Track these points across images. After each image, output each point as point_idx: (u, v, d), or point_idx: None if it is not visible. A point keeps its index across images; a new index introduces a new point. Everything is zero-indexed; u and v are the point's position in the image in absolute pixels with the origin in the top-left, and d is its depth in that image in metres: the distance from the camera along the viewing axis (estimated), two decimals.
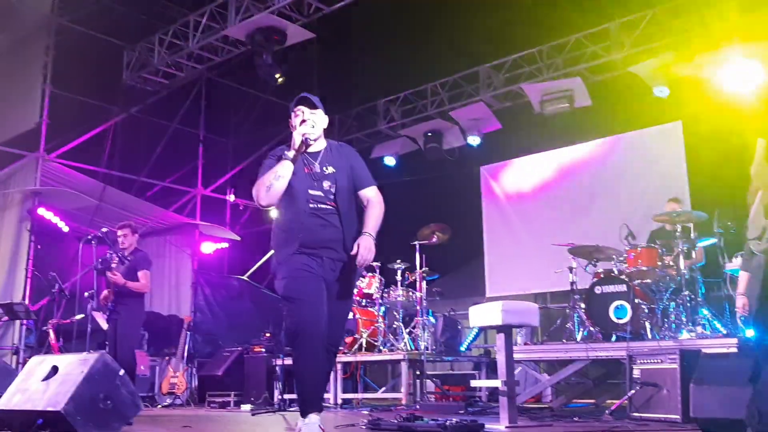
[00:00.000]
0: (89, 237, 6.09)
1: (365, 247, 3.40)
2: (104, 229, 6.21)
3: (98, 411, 3.83)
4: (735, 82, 8.21)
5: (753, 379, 3.08)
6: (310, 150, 3.59)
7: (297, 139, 3.47)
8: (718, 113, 8.18)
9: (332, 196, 3.56)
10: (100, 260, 6.20)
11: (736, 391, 3.50)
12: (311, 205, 3.52)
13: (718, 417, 3.62)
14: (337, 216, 3.54)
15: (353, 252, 3.41)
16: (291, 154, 3.46)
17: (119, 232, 6.53)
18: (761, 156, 3.10)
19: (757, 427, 3.19)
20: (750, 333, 4.26)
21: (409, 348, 7.65)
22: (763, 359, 2.51)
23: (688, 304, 6.13)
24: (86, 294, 6.31)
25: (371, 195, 3.66)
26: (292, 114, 3.64)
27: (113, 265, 6.21)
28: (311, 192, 3.54)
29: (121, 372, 4.04)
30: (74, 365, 3.96)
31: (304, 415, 3.36)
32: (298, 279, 3.44)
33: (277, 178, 3.43)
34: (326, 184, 3.56)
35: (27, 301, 8.69)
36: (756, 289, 2.89)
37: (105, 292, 6.32)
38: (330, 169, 3.61)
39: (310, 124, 3.55)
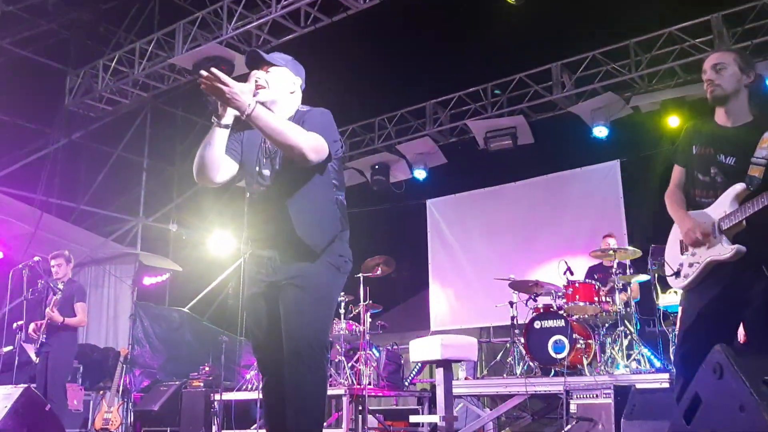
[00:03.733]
0: (20, 266, 5.89)
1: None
2: (36, 258, 6.02)
3: None
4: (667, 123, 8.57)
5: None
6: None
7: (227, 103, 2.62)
8: (654, 152, 8.50)
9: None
10: (31, 290, 6.00)
11: (663, 425, 3.58)
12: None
13: None
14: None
15: None
16: (224, 120, 2.73)
17: (53, 262, 6.33)
18: (674, 182, 3.19)
19: None
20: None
21: (351, 382, 7.58)
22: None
23: (624, 340, 6.26)
24: (15, 325, 6.08)
25: None
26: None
27: (51, 303, 6.00)
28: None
29: (48, 407, 3.90)
30: None
31: None
32: None
33: (203, 146, 2.78)
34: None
35: None
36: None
37: (34, 324, 6.10)
38: None
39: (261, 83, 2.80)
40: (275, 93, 2.85)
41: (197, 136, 12.14)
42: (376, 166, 11.16)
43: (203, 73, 2.54)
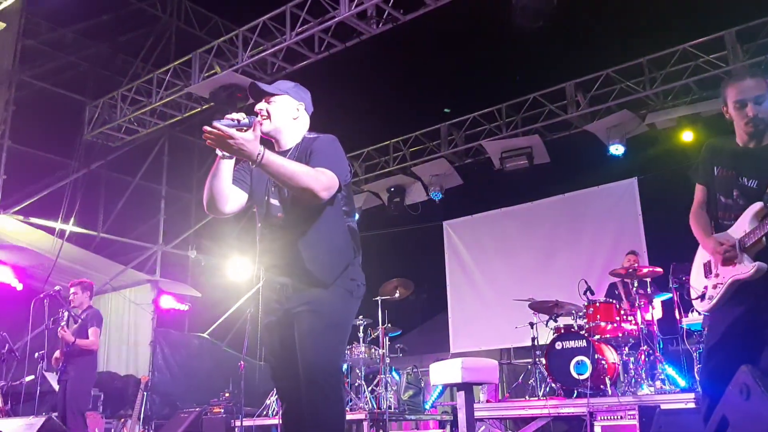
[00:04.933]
0: (41, 296, 5.94)
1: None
2: (57, 288, 6.08)
3: None
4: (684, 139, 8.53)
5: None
6: (278, 149, 2.94)
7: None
8: (671, 169, 8.44)
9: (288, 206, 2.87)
10: (52, 319, 6.04)
11: None
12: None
13: None
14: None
15: None
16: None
17: (70, 290, 6.39)
18: (698, 202, 3.15)
19: None
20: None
21: (371, 406, 7.53)
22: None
23: (647, 359, 6.18)
24: (36, 355, 6.12)
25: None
26: None
27: (63, 323, 6.05)
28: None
29: None
30: (20, 430, 3.82)
31: None
32: None
33: (210, 178, 2.80)
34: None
35: None
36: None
37: (56, 353, 6.14)
38: None
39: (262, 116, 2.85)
40: (278, 122, 2.89)
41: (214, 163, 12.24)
42: (392, 189, 11.18)
43: (206, 128, 2.56)
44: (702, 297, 2.95)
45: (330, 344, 2.76)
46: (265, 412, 7.86)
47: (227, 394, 8.59)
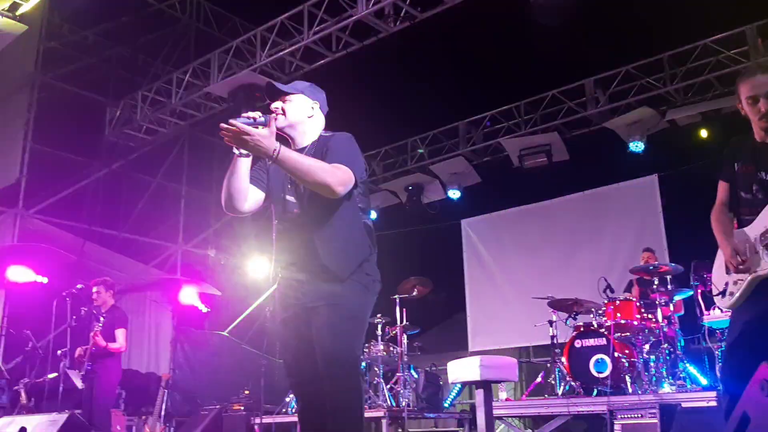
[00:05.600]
0: (64, 294, 6.02)
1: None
2: (79, 286, 6.15)
3: None
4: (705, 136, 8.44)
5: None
6: (294, 147, 2.95)
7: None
8: (692, 166, 8.35)
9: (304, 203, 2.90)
10: (75, 318, 6.12)
11: None
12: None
13: None
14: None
15: None
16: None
17: (93, 289, 6.46)
18: (720, 200, 3.13)
19: None
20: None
21: (390, 404, 7.53)
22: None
23: (668, 357, 6.12)
24: (59, 352, 6.20)
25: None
26: None
27: (97, 326, 6.12)
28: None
29: None
30: (43, 426, 3.88)
31: None
32: None
33: (228, 177, 2.84)
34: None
35: (0, 359, 8.51)
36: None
37: (79, 350, 6.22)
38: None
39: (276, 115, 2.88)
40: (292, 118, 2.93)
41: None
42: (410, 187, 11.18)
43: (223, 126, 2.59)
44: (723, 293, 2.93)
45: (347, 335, 2.78)
46: (284, 410, 7.90)
47: (247, 392, 8.64)
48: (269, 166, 2.99)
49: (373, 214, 11.62)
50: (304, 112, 2.97)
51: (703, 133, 8.85)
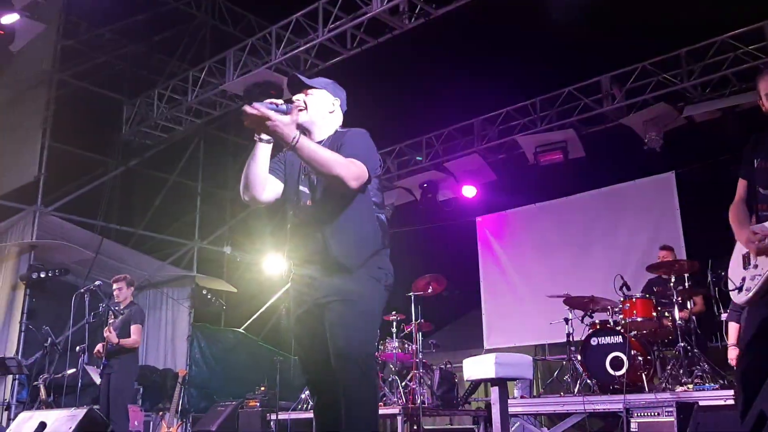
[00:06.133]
0: (82, 290, 6.08)
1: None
2: (97, 282, 6.22)
3: None
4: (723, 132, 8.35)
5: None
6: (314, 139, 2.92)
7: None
8: (710, 162, 8.28)
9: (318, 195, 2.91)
10: (93, 314, 6.18)
11: None
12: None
13: None
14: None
15: None
16: (265, 135, 2.76)
17: (114, 286, 6.53)
18: (739, 196, 3.11)
19: None
20: None
21: (405, 401, 7.54)
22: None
23: (685, 355, 6.08)
24: (77, 348, 6.27)
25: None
26: None
27: (110, 321, 6.19)
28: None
29: (110, 428, 4.00)
30: (62, 421, 3.93)
31: None
32: None
33: (248, 163, 2.84)
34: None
35: (20, 355, 8.62)
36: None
37: (98, 346, 6.28)
38: None
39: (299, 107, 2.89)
40: (314, 113, 2.95)
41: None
42: (425, 185, 11.16)
43: (246, 108, 2.61)
44: (740, 288, 2.91)
45: (360, 330, 2.77)
46: (300, 406, 7.94)
47: (263, 388, 8.70)
48: (286, 158, 3.01)
49: (388, 212, 11.64)
50: (325, 108, 3.00)
51: (722, 130, 8.74)
